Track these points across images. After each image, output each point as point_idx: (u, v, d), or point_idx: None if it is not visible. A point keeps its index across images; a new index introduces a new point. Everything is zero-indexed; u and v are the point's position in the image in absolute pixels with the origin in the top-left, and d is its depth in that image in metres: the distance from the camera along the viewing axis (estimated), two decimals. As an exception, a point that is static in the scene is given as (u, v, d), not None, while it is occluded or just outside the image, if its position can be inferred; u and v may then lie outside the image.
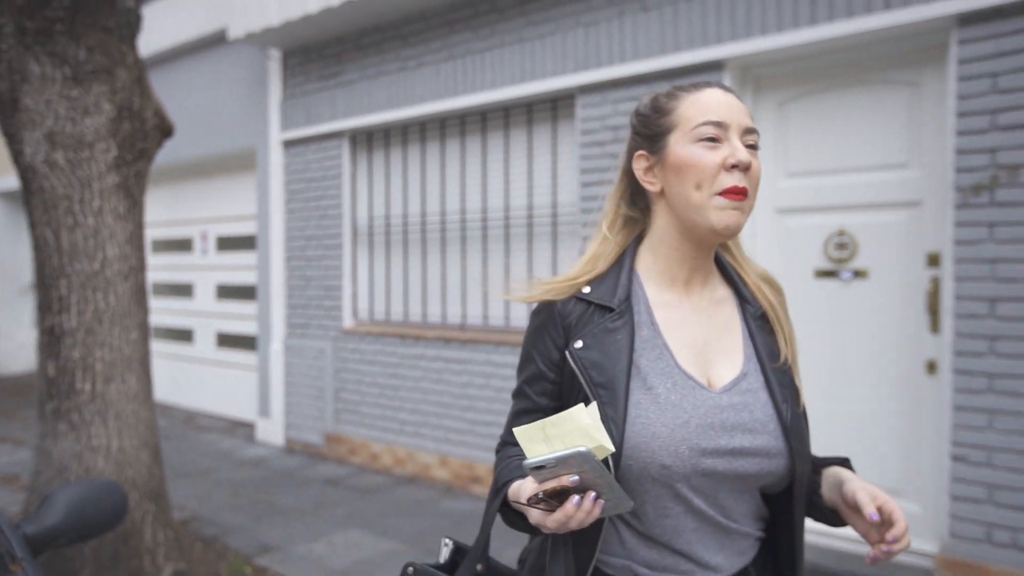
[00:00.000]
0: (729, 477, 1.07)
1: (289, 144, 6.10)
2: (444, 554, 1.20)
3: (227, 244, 7.21)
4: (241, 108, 6.48)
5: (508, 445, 1.20)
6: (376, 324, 5.67)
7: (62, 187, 3.14)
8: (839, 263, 3.72)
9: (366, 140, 5.71)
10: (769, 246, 3.92)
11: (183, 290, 7.75)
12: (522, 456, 1.08)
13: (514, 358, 4.67)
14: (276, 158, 6.17)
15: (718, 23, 3.82)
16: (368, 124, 5.49)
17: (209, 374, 7.43)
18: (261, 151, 6.31)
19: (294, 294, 6.14)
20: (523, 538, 1.26)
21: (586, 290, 1.16)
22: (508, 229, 4.90)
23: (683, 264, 1.16)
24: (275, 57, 6.11)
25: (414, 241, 5.46)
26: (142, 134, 3.36)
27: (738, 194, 1.07)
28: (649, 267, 1.18)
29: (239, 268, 7.05)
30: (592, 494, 0.93)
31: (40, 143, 3.12)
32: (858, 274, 3.66)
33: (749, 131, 1.11)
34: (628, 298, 1.14)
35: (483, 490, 4.84)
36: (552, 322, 1.15)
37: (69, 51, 3.10)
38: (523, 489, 0.99)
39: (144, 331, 3.44)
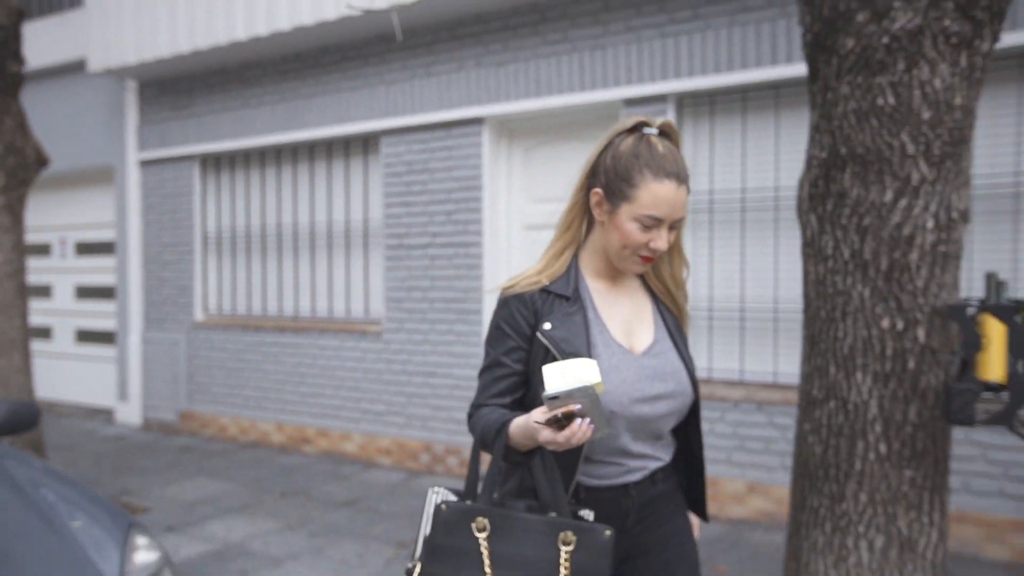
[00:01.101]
0: (653, 416, 1.48)
1: (145, 163, 7.03)
2: (436, 499, 1.45)
3: (86, 249, 7.96)
4: (101, 129, 7.31)
5: (482, 407, 1.51)
6: (223, 317, 6.72)
7: (-41, 208, 4.09)
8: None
9: (214, 163, 6.76)
10: (520, 254, 5.39)
11: (42, 291, 8.37)
12: (500, 413, 1.46)
13: (336, 342, 5.92)
14: (133, 175, 7.07)
15: (479, 90, 5.25)
16: (216, 150, 6.55)
17: (68, 367, 8.13)
18: (119, 168, 7.18)
19: (151, 293, 7.06)
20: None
21: (547, 283, 1.52)
22: (331, 239, 6.13)
23: (611, 266, 1.56)
24: (132, 88, 7.03)
25: (255, 248, 6.57)
26: (24, 167, 4.34)
27: (648, 260, 1.50)
28: (587, 265, 1.57)
29: (98, 271, 7.82)
30: (588, 420, 1.26)
31: (-59, 174, 4.06)
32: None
33: (678, 221, 1.47)
34: (577, 289, 1.53)
35: (311, 448, 6.04)
36: (525, 307, 1.50)
37: (-35, 104, 4.06)
38: (535, 415, 1.31)
39: (24, 319, 4.42)
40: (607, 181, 1.48)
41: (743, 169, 4.53)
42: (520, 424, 1.36)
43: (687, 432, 1.61)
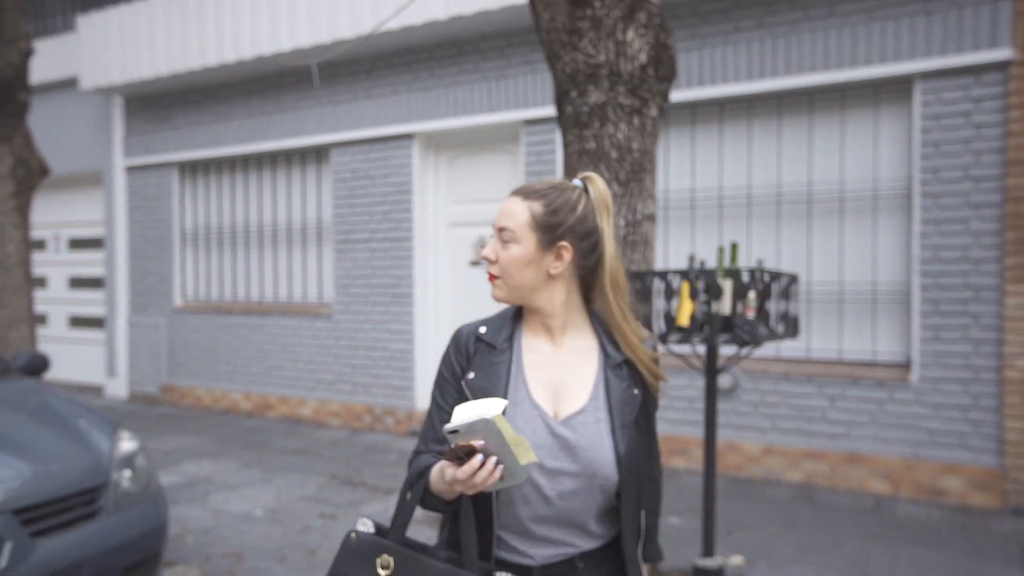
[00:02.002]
0: (555, 493, 1.33)
1: (130, 169, 8.03)
2: (364, 528, 1.38)
3: (77, 244, 8.96)
4: (91, 138, 8.31)
5: (421, 454, 1.43)
6: (199, 303, 7.74)
7: (-21, 210, 5.11)
8: (480, 257, 6.29)
9: (191, 169, 7.78)
10: (447, 249, 6.43)
11: (38, 282, 9.35)
12: (432, 459, 1.38)
13: (294, 322, 6.96)
14: (120, 179, 8.08)
15: (410, 110, 6.28)
16: (192, 158, 7.56)
17: (63, 349, 9.12)
18: (107, 173, 8.18)
19: (135, 282, 8.07)
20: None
21: (482, 330, 1.45)
22: (290, 235, 7.17)
23: (542, 320, 1.43)
24: (118, 103, 8.03)
25: (226, 243, 7.59)
26: (30, 176, 5.36)
27: (490, 278, 1.42)
28: (527, 320, 1.46)
29: (88, 263, 8.82)
30: (493, 459, 1.19)
31: (-36, 182, 5.07)
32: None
33: (501, 229, 1.40)
34: (511, 338, 1.43)
35: (274, 413, 7.07)
36: (459, 352, 1.44)
37: (-16, 126, 5.06)
38: (444, 458, 1.23)
39: (30, 300, 5.43)
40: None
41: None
42: (439, 469, 1.31)
43: (618, 521, 1.42)
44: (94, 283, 8.80)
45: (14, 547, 2.44)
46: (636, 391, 1.42)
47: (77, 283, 9.01)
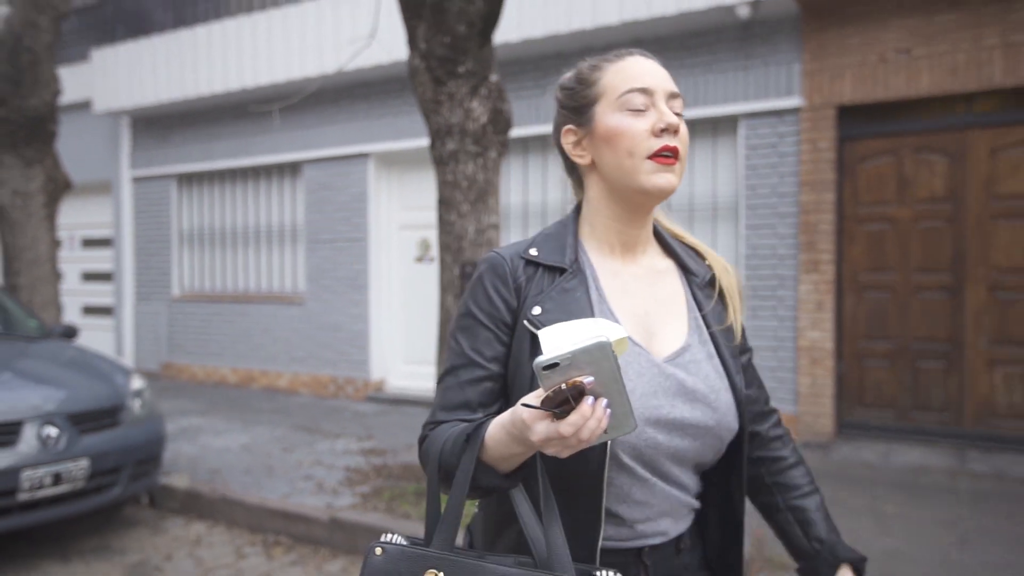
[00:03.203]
0: (669, 449, 1.04)
1: (136, 179, 9.42)
2: (393, 540, 0.99)
3: (90, 243, 10.34)
4: (101, 152, 9.69)
5: (440, 424, 1.07)
6: (194, 293, 9.13)
7: (20, 216, 6.49)
8: (423, 254, 7.67)
9: (188, 180, 9.17)
10: (397, 247, 7.81)
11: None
12: (473, 423, 1.00)
13: (273, 309, 8.35)
14: (127, 188, 9.47)
15: (366, 134, 7.65)
16: (189, 170, 8.95)
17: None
18: (116, 182, 9.57)
19: (140, 276, 9.46)
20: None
21: (533, 251, 1.11)
22: (270, 235, 8.55)
23: (620, 233, 1.13)
24: (126, 123, 9.42)
25: (217, 242, 8.97)
26: (57, 190, 6.74)
27: (669, 156, 1.05)
28: (588, 237, 1.14)
29: (99, 260, 10.20)
30: (603, 401, 0.84)
31: (8, 195, 6.45)
32: (432, 260, 7.62)
33: (674, 95, 1.09)
34: (577, 260, 1.11)
35: (256, 385, 8.45)
36: (503, 282, 1.08)
37: (22, 151, 6.45)
38: (525, 402, 0.87)
39: (57, 289, 6.81)
40: (569, 107, 1.14)
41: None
42: (501, 424, 0.93)
43: (723, 479, 1.13)
44: (104, 277, 10.18)
45: (69, 437, 3.82)
46: (727, 315, 1.17)
47: (89, 277, 10.40)
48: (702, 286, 1.17)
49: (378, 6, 5.36)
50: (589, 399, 0.83)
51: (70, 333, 5.22)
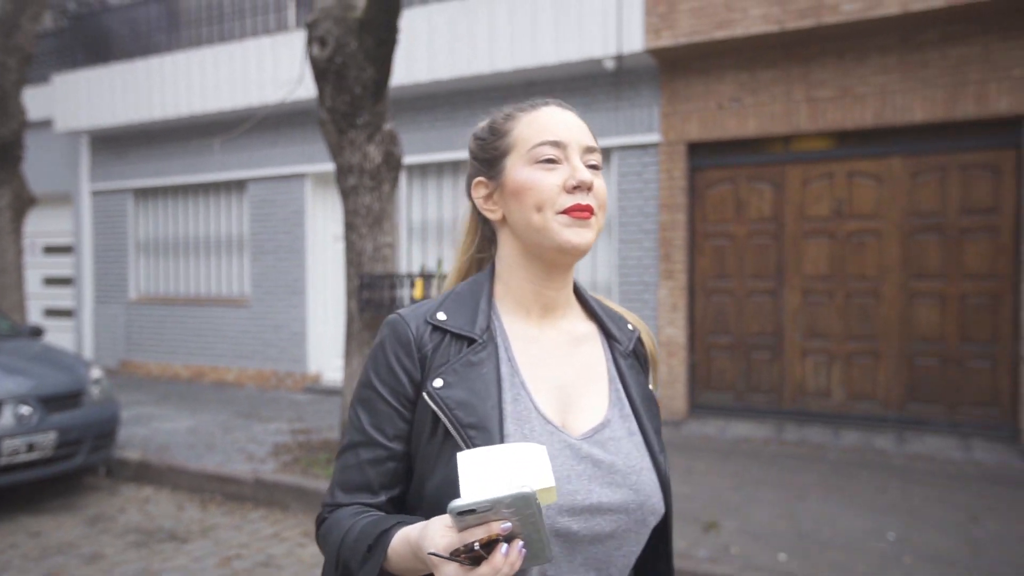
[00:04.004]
0: (586, 538, 0.95)
1: (95, 193, 10.29)
2: None
3: (51, 250, 11.15)
4: (62, 167, 10.52)
5: (340, 507, 1.01)
6: (150, 296, 10.02)
7: (-11, 230, 7.38)
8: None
9: (143, 194, 10.06)
10: (331, 257, 8.81)
11: (17, 281, 11.50)
12: (372, 518, 0.95)
13: (221, 310, 9.30)
14: (86, 200, 10.33)
15: (304, 156, 8.64)
16: (144, 185, 9.85)
17: (38, 336, 11.28)
18: (76, 195, 10.42)
19: (99, 280, 10.32)
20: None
21: (441, 316, 1.02)
22: (219, 245, 9.49)
23: (538, 295, 1.05)
24: (85, 141, 10.28)
25: (171, 250, 9.88)
26: (23, 205, 7.62)
27: (582, 211, 1.00)
28: (503, 298, 1.07)
29: (60, 266, 11.02)
30: (519, 543, 0.79)
31: (-21, 211, 7.34)
32: (360, 267, 8.63)
33: (590, 149, 1.04)
34: (489, 327, 1.02)
35: (206, 380, 9.38)
36: (406, 351, 1.00)
37: (-7, 173, 7.33)
38: (434, 539, 0.81)
39: (23, 293, 7.69)
40: (480, 159, 1.09)
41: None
42: (408, 540, 0.88)
43: (649, 571, 1.07)
44: (64, 281, 11.00)
45: (39, 415, 4.78)
46: (652, 387, 1.10)
47: (51, 281, 11.21)
48: (625, 354, 1.09)
49: (305, 54, 6.38)
50: (503, 547, 0.78)
51: (37, 332, 6.15)
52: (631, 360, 1.10)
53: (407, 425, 1.00)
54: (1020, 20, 5.42)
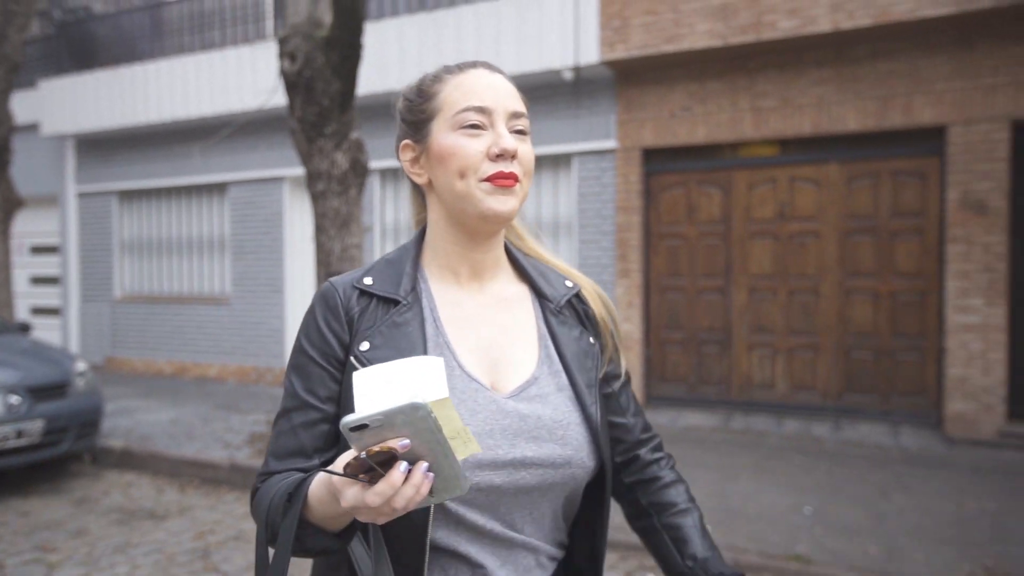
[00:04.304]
0: (509, 491, 0.97)
1: (81, 195, 10.60)
2: None
3: (38, 250, 11.45)
4: (49, 169, 10.83)
5: (272, 475, 1.00)
6: (134, 295, 10.35)
7: (-22, 231, 7.70)
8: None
9: (128, 196, 10.39)
10: (309, 256, 9.16)
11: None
12: (296, 478, 0.94)
13: (204, 308, 9.64)
14: (72, 202, 10.64)
15: (282, 160, 9.00)
16: (128, 187, 10.17)
17: (25, 334, 11.58)
18: (62, 197, 10.73)
19: (85, 280, 10.64)
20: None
21: (367, 280, 1.05)
22: (201, 245, 9.82)
23: (464, 258, 1.07)
24: (71, 144, 10.59)
25: (154, 250, 10.22)
26: (11, 207, 7.94)
27: (505, 179, 1.00)
28: (430, 263, 1.09)
29: (46, 265, 11.32)
30: (424, 464, 0.78)
31: (-32, 213, 7.66)
32: (337, 266, 8.99)
33: (516, 115, 1.03)
34: (414, 289, 1.05)
35: (189, 375, 9.72)
36: (334, 315, 1.02)
37: (-19, 176, 7.65)
38: (336, 466, 0.81)
39: (10, 292, 8.01)
40: (407, 120, 1.09)
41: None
42: (324, 481, 0.87)
43: (589, 528, 1.07)
44: (51, 280, 11.30)
45: (28, 404, 5.13)
46: (592, 339, 1.10)
47: (37, 280, 11.51)
48: (556, 312, 1.09)
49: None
50: (403, 465, 0.75)
51: (25, 328, 6.49)
52: (564, 316, 1.10)
53: (338, 386, 1.02)
54: (942, 38, 5.85)
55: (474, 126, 1.01)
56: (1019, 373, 5.83)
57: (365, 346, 1.00)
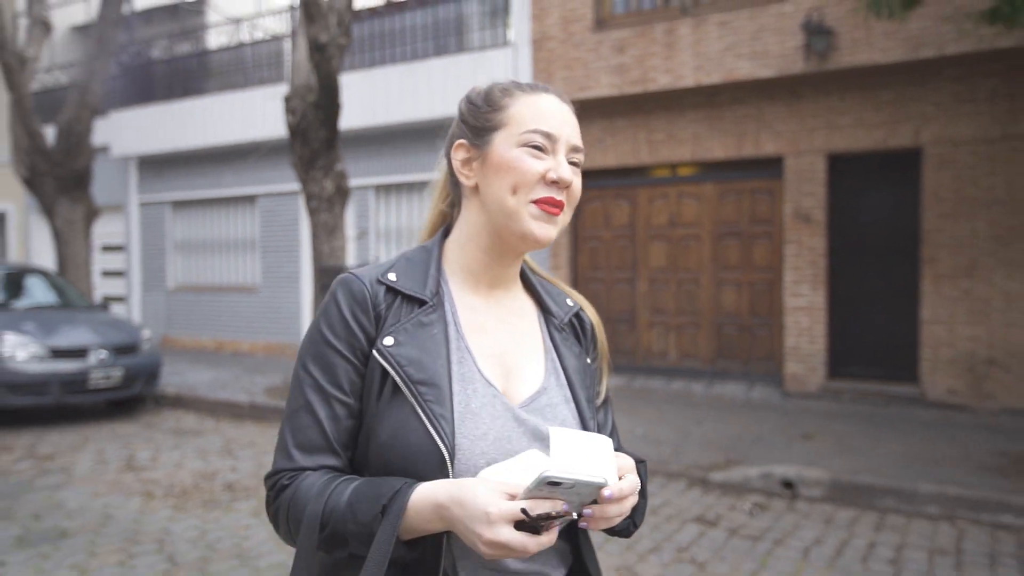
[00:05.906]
0: None
1: (142, 204, 13.01)
2: None
3: (107, 249, 13.91)
4: (116, 182, 13.25)
5: (304, 472, 1.00)
6: (184, 285, 12.70)
7: (69, 236, 10.07)
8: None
9: (180, 205, 12.75)
10: (320, 253, 11.36)
11: (80, 273, 14.27)
12: (337, 476, 0.98)
13: (238, 296, 11.93)
14: (135, 210, 13.06)
15: (255, 179, 11.19)
16: (180, 198, 12.52)
17: (97, 317, 14.05)
18: (126, 205, 13.14)
19: (145, 273, 13.05)
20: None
21: (392, 276, 1.06)
22: (240, 244, 12.11)
23: (488, 268, 1.10)
24: (134, 162, 13.00)
25: (200, 248, 12.54)
26: (91, 216, 10.29)
27: (554, 206, 1.04)
28: (454, 264, 1.11)
29: (114, 262, 13.76)
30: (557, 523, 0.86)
31: (61, 222, 10.02)
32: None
33: (576, 149, 1.08)
34: (439, 292, 1.07)
35: (226, 351, 12.01)
36: (362, 308, 1.03)
37: (71, 193, 10.01)
38: (491, 502, 0.85)
39: (90, 283, 10.35)
40: (469, 123, 1.10)
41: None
42: (433, 501, 0.91)
43: (579, 536, 1.09)
44: (117, 274, 13.75)
45: (111, 357, 7.39)
46: (589, 359, 1.16)
47: (107, 274, 13.98)
48: (560, 328, 1.14)
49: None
50: (559, 524, 0.83)
51: (104, 306, 8.80)
52: (566, 333, 1.15)
53: (360, 380, 1.01)
54: (779, 91, 7.71)
55: (538, 148, 1.04)
56: (836, 342, 7.69)
57: (389, 341, 1.00)
